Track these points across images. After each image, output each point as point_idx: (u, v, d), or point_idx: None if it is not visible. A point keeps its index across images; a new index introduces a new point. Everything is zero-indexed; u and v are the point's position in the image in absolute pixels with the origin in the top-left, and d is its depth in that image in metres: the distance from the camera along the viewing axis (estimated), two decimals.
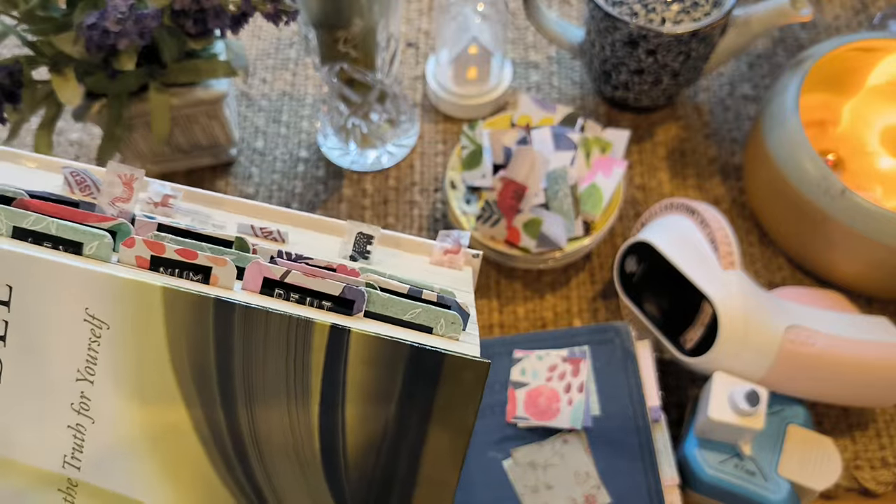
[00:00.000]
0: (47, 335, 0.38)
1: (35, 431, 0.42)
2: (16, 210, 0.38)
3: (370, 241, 0.42)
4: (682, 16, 0.66)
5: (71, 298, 0.37)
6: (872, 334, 0.54)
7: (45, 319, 0.38)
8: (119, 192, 0.40)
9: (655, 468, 0.52)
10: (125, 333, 0.37)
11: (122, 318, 0.37)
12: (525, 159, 0.61)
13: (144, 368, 0.37)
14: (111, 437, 0.40)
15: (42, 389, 0.40)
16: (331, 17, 0.57)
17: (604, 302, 0.65)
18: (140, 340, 0.37)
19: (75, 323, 0.37)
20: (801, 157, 0.60)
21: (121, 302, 0.36)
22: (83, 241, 0.38)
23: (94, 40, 0.51)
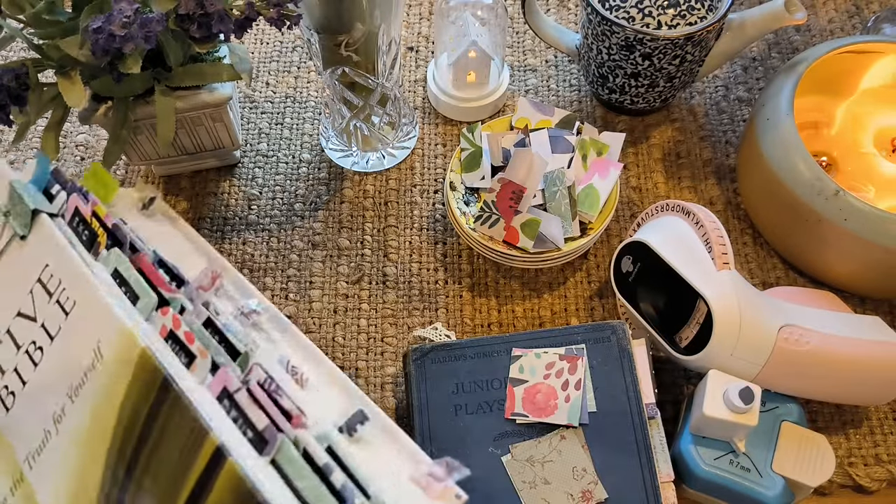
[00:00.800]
0: (75, 353, 0.45)
1: (26, 423, 0.45)
2: (121, 256, 0.46)
3: (363, 421, 0.43)
4: (678, 20, 0.66)
5: (96, 328, 0.43)
6: (865, 333, 0.55)
7: (81, 339, 0.44)
8: (205, 283, 0.48)
9: (652, 464, 0.53)
10: (105, 375, 0.43)
11: (109, 360, 0.43)
12: (523, 161, 0.61)
13: (98, 413, 0.43)
14: (58, 455, 0.44)
15: (49, 391, 0.44)
16: (333, 21, 0.58)
17: (600, 301, 0.66)
18: (108, 386, 0.42)
19: (88, 348, 0.44)
20: (795, 159, 0.60)
21: (114, 346, 0.42)
22: (140, 296, 0.45)
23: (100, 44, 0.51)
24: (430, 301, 0.66)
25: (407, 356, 0.59)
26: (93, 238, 0.49)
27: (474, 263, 0.68)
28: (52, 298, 0.47)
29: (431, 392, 0.57)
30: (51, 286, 0.48)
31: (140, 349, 0.41)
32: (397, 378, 0.63)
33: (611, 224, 0.70)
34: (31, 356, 0.48)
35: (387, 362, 0.64)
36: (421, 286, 0.67)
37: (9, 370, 0.48)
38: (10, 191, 0.51)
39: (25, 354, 0.48)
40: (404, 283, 0.67)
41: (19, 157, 0.75)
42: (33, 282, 0.49)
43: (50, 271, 0.48)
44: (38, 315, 0.48)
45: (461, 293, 0.67)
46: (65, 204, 0.50)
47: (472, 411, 0.56)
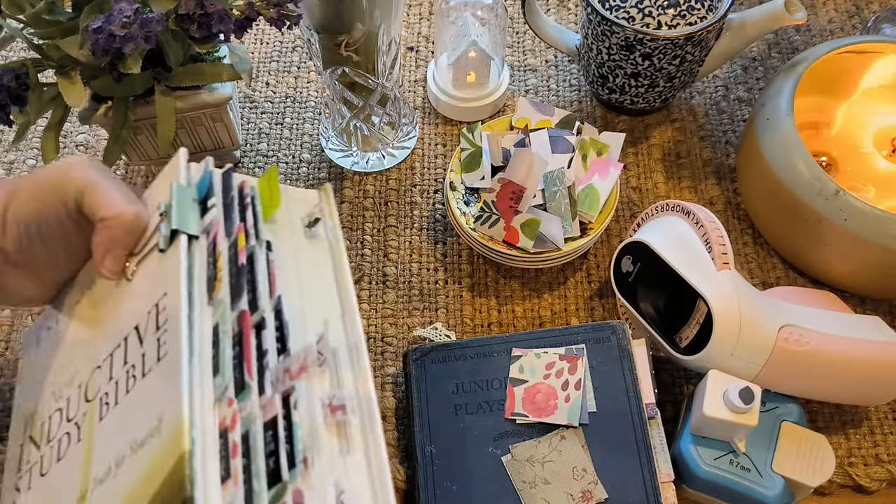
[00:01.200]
0: (148, 408, 0.40)
1: (106, 443, 0.43)
2: (227, 312, 0.41)
3: None
4: (678, 20, 0.66)
5: (165, 397, 0.39)
6: (865, 333, 0.55)
7: (156, 397, 0.40)
8: (294, 367, 0.41)
9: (652, 464, 0.53)
10: (153, 456, 0.38)
11: (160, 443, 0.38)
12: (523, 161, 0.61)
13: (134, 492, 0.38)
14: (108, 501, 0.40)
15: (125, 427, 0.41)
16: (333, 21, 0.58)
17: (600, 301, 0.66)
18: (150, 471, 0.38)
19: (155, 413, 0.39)
20: (795, 159, 0.60)
21: (168, 431, 0.38)
22: (221, 372, 0.39)
23: (100, 44, 0.51)
24: (430, 301, 0.66)
25: (407, 356, 0.59)
26: (213, 279, 0.43)
27: (474, 263, 0.68)
28: (157, 334, 0.42)
29: (431, 392, 0.57)
30: (161, 320, 0.42)
31: (182, 451, 0.36)
32: (397, 378, 0.63)
33: (611, 224, 0.70)
34: (128, 380, 0.42)
35: (387, 362, 0.64)
36: (421, 286, 0.67)
37: (113, 379, 0.44)
38: (169, 194, 0.45)
39: (125, 374, 0.43)
40: (404, 283, 0.67)
41: (19, 158, 0.75)
42: (152, 304, 0.43)
43: (165, 302, 0.42)
44: (144, 341, 0.42)
45: (461, 293, 0.67)
46: (212, 223, 0.45)
47: (472, 411, 0.56)
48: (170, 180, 0.46)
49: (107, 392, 0.44)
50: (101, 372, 0.45)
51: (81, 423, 0.44)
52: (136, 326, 0.43)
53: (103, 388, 0.44)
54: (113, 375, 0.44)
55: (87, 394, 0.45)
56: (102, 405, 0.43)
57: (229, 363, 0.40)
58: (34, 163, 0.75)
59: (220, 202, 0.45)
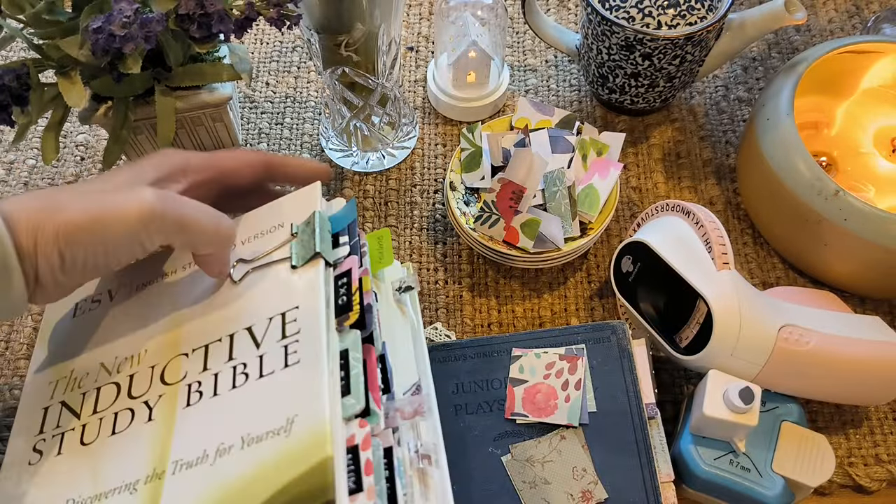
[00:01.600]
0: (271, 407, 0.43)
1: (195, 430, 0.45)
2: (358, 342, 0.45)
3: None
4: (678, 20, 0.67)
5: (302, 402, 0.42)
6: (865, 333, 0.55)
7: (283, 399, 0.43)
8: (408, 411, 0.46)
9: (652, 464, 0.53)
10: (283, 453, 0.41)
11: (293, 443, 0.41)
12: (523, 161, 0.61)
13: (251, 484, 0.40)
14: (199, 486, 0.42)
15: (230, 421, 0.44)
16: (333, 21, 0.58)
17: (600, 301, 0.66)
18: (278, 467, 0.40)
19: (284, 413, 0.42)
20: (795, 159, 0.60)
21: (306, 434, 0.40)
22: (352, 393, 0.42)
23: (100, 44, 0.51)
24: (430, 301, 0.66)
25: None
26: (346, 309, 0.46)
27: (474, 263, 0.68)
28: (283, 342, 0.45)
29: None
30: (288, 330, 0.45)
31: (326, 456, 0.39)
32: None
33: (611, 224, 0.70)
34: (235, 376, 0.45)
35: None
36: (421, 286, 0.67)
37: (209, 370, 0.46)
38: (310, 219, 0.50)
39: (231, 370, 0.45)
40: None
41: (19, 157, 0.75)
42: (277, 313, 0.46)
43: (296, 315, 0.46)
44: (262, 344, 0.46)
45: (461, 293, 0.67)
46: (343, 259, 0.49)
47: (472, 411, 0.56)
48: (303, 204, 0.52)
49: (199, 381, 0.46)
50: (187, 360, 0.47)
51: (154, 404, 0.46)
52: (248, 328, 0.47)
53: (193, 377, 0.46)
54: (209, 367, 0.46)
55: (164, 377, 0.47)
56: (192, 392, 0.45)
57: (360, 390, 0.43)
58: (34, 163, 0.75)
59: (348, 242, 0.50)
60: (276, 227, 0.51)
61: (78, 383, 0.50)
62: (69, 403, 0.49)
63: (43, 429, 0.49)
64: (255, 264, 0.50)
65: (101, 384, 0.49)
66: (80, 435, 0.47)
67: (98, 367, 0.50)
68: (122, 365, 0.49)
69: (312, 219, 0.49)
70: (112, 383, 0.49)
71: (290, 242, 0.49)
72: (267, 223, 0.52)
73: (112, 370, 0.49)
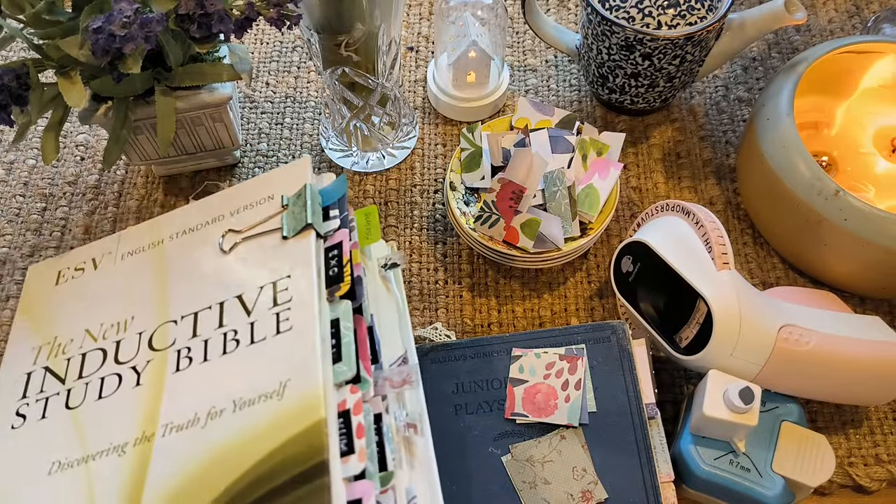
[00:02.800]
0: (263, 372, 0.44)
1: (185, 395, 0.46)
2: (349, 312, 0.46)
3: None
4: (678, 20, 0.67)
5: (294, 367, 0.43)
6: (865, 333, 0.55)
7: (275, 365, 0.44)
8: (396, 379, 0.48)
9: (652, 464, 0.53)
10: (275, 416, 0.42)
11: (286, 406, 0.42)
12: (523, 161, 0.61)
13: (244, 445, 0.42)
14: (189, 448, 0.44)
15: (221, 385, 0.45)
16: (333, 22, 0.58)
17: (600, 301, 0.66)
18: (271, 428, 0.42)
19: (276, 378, 0.43)
20: (795, 159, 0.60)
21: (299, 397, 0.42)
22: (343, 361, 0.44)
23: (100, 44, 0.51)
24: (430, 301, 0.67)
25: None
26: (337, 280, 0.48)
27: (474, 263, 0.68)
28: (274, 309, 0.46)
29: (431, 392, 0.57)
30: (280, 297, 0.47)
31: (319, 419, 0.40)
32: None
33: (611, 224, 0.70)
34: (226, 342, 0.46)
35: None
36: (421, 286, 0.67)
37: (199, 337, 0.47)
38: (301, 191, 0.51)
39: (222, 336, 0.47)
40: (404, 282, 0.67)
41: (19, 158, 0.75)
42: (268, 281, 0.48)
43: (287, 284, 0.47)
44: (253, 312, 0.47)
45: (461, 293, 0.67)
46: (333, 231, 0.50)
47: (472, 411, 0.56)
48: (293, 177, 0.52)
49: (189, 347, 0.47)
50: (176, 327, 0.49)
51: (142, 369, 0.47)
52: (238, 296, 0.48)
53: (182, 343, 0.48)
54: (199, 334, 0.47)
55: (152, 343, 0.48)
56: (182, 358, 0.47)
57: (352, 357, 0.44)
58: (34, 163, 0.75)
59: (339, 216, 0.51)
60: (266, 199, 0.52)
61: (62, 349, 0.51)
62: (53, 369, 0.50)
63: (26, 393, 0.50)
64: (245, 235, 0.50)
65: (86, 350, 0.50)
66: (65, 399, 0.48)
67: (83, 333, 0.51)
68: (108, 331, 0.50)
69: (303, 191, 0.50)
70: (98, 349, 0.50)
71: (282, 214, 0.50)
72: (257, 195, 0.53)
73: (98, 336, 0.50)
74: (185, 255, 0.52)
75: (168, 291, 0.51)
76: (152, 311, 0.50)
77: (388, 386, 0.47)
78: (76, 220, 0.72)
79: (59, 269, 0.55)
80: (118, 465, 0.44)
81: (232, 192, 0.55)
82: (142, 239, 0.55)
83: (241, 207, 0.53)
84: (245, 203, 0.53)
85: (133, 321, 0.50)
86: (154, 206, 0.72)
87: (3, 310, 0.66)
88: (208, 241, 0.52)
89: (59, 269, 0.55)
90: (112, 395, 0.47)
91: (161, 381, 0.46)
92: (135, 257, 0.54)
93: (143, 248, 0.54)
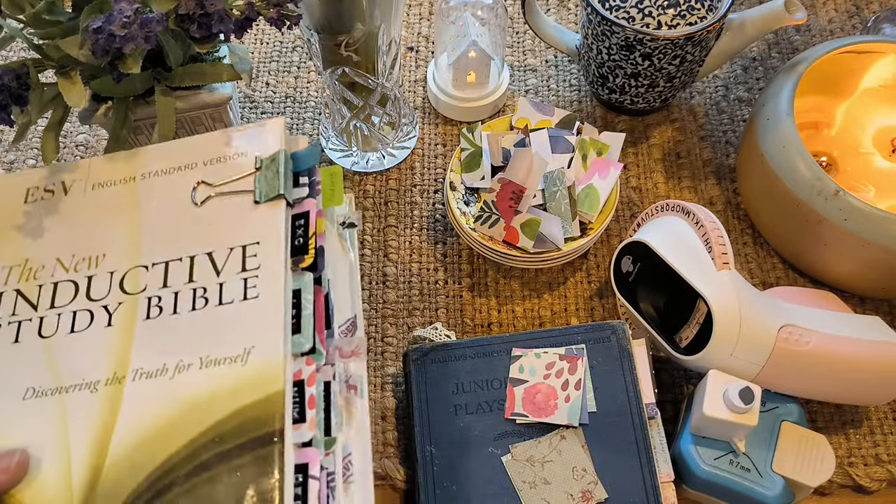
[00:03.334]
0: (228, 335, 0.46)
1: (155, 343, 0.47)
2: (310, 284, 0.47)
3: None
4: (678, 20, 0.67)
5: (258, 335, 0.45)
6: (865, 333, 0.55)
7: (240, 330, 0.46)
8: (346, 349, 0.51)
9: (652, 464, 0.53)
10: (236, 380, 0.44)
11: (248, 371, 0.44)
12: (523, 161, 0.61)
13: (206, 402, 0.43)
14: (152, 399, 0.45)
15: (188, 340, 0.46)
16: (333, 22, 0.58)
17: (600, 301, 0.66)
18: (231, 392, 0.43)
19: (241, 344, 0.45)
20: (794, 159, 0.60)
21: (260, 364, 0.44)
22: (302, 332, 0.46)
23: (100, 44, 0.51)
24: (430, 301, 0.67)
25: (407, 356, 0.59)
26: (302, 251, 0.49)
27: (474, 263, 0.68)
28: (243, 275, 0.47)
29: (431, 392, 0.57)
30: (249, 264, 0.47)
31: (279, 389, 0.42)
32: (397, 378, 0.63)
33: (611, 224, 0.70)
34: (195, 298, 0.47)
35: (387, 362, 0.64)
36: (421, 286, 0.67)
37: (169, 288, 0.48)
38: (275, 156, 0.51)
39: (191, 292, 0.47)
40: (404, 282, 0.67)
41: (19, 157, 0.75)
42: (238, 245, 0.48)
43: (256, 250, 0.48)
44: (222, 273, 0.48)
45: (461, 293, 0.67)
46: (302, 200, 0.50)
47: (472, 411, 0.56)
48: (266, 137, 0.53)
49: (159, 297, 0.48)
50: (147, 273, 0.49)
51: (114, 310, 0.48)
52: (209, 253, 0.49)
53: (153, 291, 0.48)
54: (169, 285, 0.48)
55: (123, 285, 0.49)
56: (153, 307, 0.47)
57: (310, 330, 0.45)
58: (34, 163, 0.75)
59: (308, 183, 0.51)
60: (238, 155, 0.52)
61: (33, 274, 0.51)
62: (25, 293, 0.50)
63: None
64: (217, 190, 0.51)
65: (57, 280, 0.50)
66: (37, 327, 0.48)
67: (54, 262, 0.51)
68: (80, 265, 0.50)
69: (277, 157, 0.51)
70: (69, 281, 0.50)
71: (255, 175, 0.51)
72: (229, 149, 0.53)
73: (69, 268, 0.50)
74: (157, 198, 0.52)
75: (140, 234, 0.51)
76: (123, 251, 0.50)
77: (337, 355, 0.49)
78: None
79: (28, 187, 0.55)
80: (90, 402, 0.44)
81: (203, 141, 0.54)
82: (113, 172, 0.54)
83: (213, 159, 0.53)
84: (217, 155, 0.53)
85: (104, 259, 0.50)
86: None
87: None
88: (179, 187, 0.52)
89: (27, 185, 0.55)
90: (84, 331, 0.48)
91: (132, 326, 0.47)
92: (105, 190, 0.53)
93: (113, 182, 0.53)
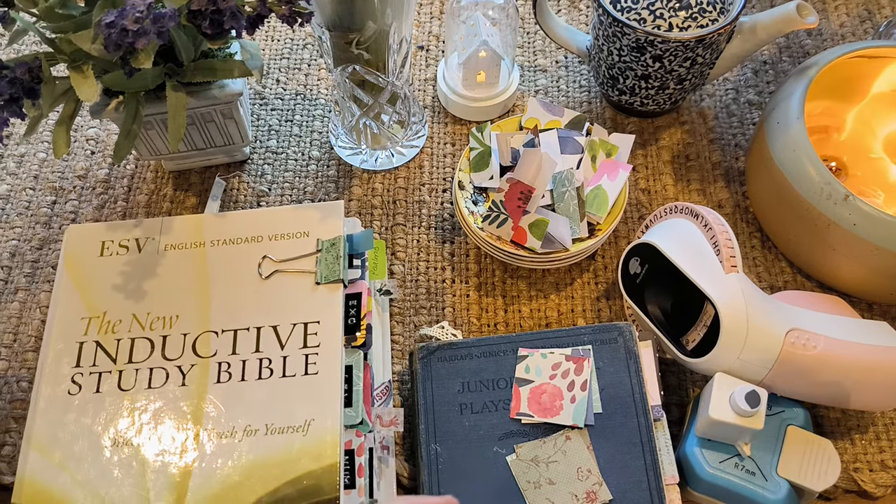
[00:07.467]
0: (292, 406, 0.51)
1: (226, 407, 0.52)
2: (360, 361, 0.53)
3: None
4: (689, 22, 0.66)
5: (317, 409, 0.50)
6: (873, 339, 0.55)
7: (302, 404, 0.51)
8: (386, 419, 0.55)
9: (657, 466, 0.53)
10: (295, 452, 0.49)
11: (308, 442, 0.49)
12: (532, 161, 0.61)
13: (266, 471, 0.49)
14: (220, 463, 0.50)
15: (254, 407, 0.51)
16: (344, 19, 0.58)
17: (607, 302, 0.66)
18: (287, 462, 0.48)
19: (302, 415, 0.50)
20: (804, 163, 0.60)
21: (318, 437, 0.49)
22: (353, 406, 0.51)
23: (113, 38, 0.52)
24: (437, 300, 0.67)
25: (413, 354, 0.60)
26: (355, 329, 0.53)
27: (482, 263, 0.68)
28: (304, 350, 0.52)
29: (437, 390, 0.57)
30: (310, 341, 0.53)
31: (335, 462, 0.48)
32: (403, 376, 0.63)
33: (619, 225, 0.70)
34: (261, 368, 0.52)
35: (393, 360, 0.64)
36: (428, 285, 0.67)
37: (238, 356, 0.52)
38: (335, 241, 0.56)
39: (258, 362, 0.52)
40: (411, 281, 0.68)
41: (30, 151, 0.76)
42: (300, 322, 0.53)
43: (316, 329, 0.53)
44: (286, 347, 0.53)
45: (468, 292, 0.67)
46: (356, 280, 0.56)
47: (478, 410, 0.56)
48: (327, 219, 0.58)
49: (229, 363, 0.52)
50: (217, 339, 0.53)
51: (187, 371, 0.52)
52: (274, 326, 0.53)
53: (223, 356, 0.53)
54: (238, 352, 0.53)
55: (196, 349, 0.53)
56: (223, 372, 0.52)
57: (360, 405, 0.51)
58: (45, 156, 0.75)
59: (360, 266, 0.57)
60: (301, 234, 0.57)
61: (112, 328, 0.54)
62: (104, 346, 0.54)
63: (80, 363, 0.53)
64: (281, 267, 0.56)
65: (134, 336, 0.54)
66: (117, 379, 0.52)
67: (131, 317, 0.55)
68: (155, 323, 0.54)
69: (338, 242, 0.56)
70: (145, 338, 0.54)
71: (316, 257, 0.56)
72: (293, 227, 0.58)
73: (145, 325, 0.54)
74: (225, 266, 0.56)
75: (209, 299, 0.55)
76: (195, 315, 0.54)
77: (378, 424, 0.54)
78: (86, 214, 0.72)
79: (103, 240, 0.58)
80: (168, 457, 0.49)
81: (269, 215, 0.59)
82: (184, 234, 0.58)
83: (277, 235, 0.57)
84: (282, 232, 0.58)
85: (178, 321, 0.54)
86: (163, 202, 0.72)
87: (13, 302, 0.67)
88: (246, 260, 0.56)
89: (101, 239, 0.58)
90: (160, 388, 0.52)
91: (204, 388, 0.51)
92: (177, 252, 0.57)
93: (185, 246, 0.58)
